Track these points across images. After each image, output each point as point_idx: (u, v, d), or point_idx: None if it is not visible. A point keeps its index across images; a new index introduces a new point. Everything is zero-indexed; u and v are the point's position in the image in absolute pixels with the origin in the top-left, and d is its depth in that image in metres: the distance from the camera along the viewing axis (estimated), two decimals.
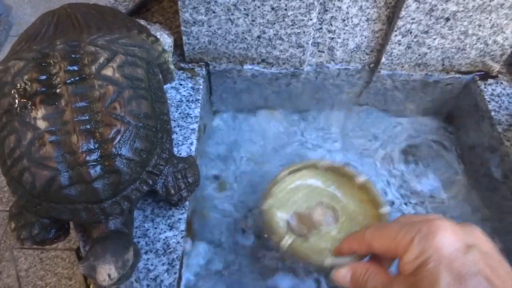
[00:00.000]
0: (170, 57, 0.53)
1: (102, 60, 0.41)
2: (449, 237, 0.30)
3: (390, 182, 0.58)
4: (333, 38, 0.58)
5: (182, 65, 0.60)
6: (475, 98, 0.60)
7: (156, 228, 0.45)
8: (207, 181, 0.57)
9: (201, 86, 0.57)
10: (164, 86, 0.54)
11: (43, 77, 0.39)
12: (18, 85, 0.39)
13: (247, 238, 0.52)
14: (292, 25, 0.54)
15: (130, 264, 0.35)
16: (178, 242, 0.44)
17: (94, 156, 0.37)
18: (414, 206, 0.56)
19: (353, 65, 0.62)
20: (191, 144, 0.51)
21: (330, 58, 0.61)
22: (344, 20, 0.55)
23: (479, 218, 0.56)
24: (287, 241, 0.41)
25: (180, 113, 0.54)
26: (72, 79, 0.39)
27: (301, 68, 0.60)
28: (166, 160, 0.42)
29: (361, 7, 0.54)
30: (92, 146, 0.37)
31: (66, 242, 1.02)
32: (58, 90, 0.38)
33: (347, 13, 0.54)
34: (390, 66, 0.60)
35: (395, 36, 0.55)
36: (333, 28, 0.56)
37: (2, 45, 1.52)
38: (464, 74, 0.61)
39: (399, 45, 0.57)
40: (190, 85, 0.58)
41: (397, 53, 0.58)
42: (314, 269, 0.48)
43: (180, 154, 0.50)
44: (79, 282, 0.98)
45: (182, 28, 0.55)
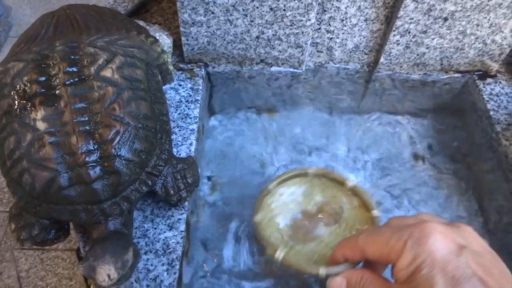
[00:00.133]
0: (169, 58, 0.53)
1: (101, 61, 0.41)
2: (441, 239, 0.30)
3: (388, 182, 0.58)
4: (331, 38, 0.58)
5: (181, 65, 0.60)
6: (474, 98, 0.60)
7: (155, 228, 0.45)
8: (204, 180, 0.57)
9: (200, 87, 0.58)
10: (163, 87, 0.54)
11: (43, 78, 0.39)
12: (18, 86, 0.39)
13: (243, 242, 0.52)
14: (290, 25, 0.54)
15: (129, 264, 0.36)
16: (178, 242, 0.44)
17: (94, 157, 0.37)
18: (412, 206, 0.56)
19: (352, 65, 0.62)
20: (191, 144, 0.52)
21: (329, 58, 0.61)
22: (342, 20, 0.55)
23: (478, 219, 0.56)
24: (281, 253, 0.41)
25: (179, 113, 0.54)
26: (71, 80, 0.39)
27: (300, 68, 0.60)
28: (166, 160, 0.43)
29: (359, 7, 0.54)
30: (91, 147, 0.37)
31: (66, 243, 1.02)
32: (58, 91, 0.38)
33: (346, 13, 0.55)
34: (389, 66, 0.60)
35: (394, 36, 0.55)
36: (331, 28, 0.57)
37: (2, 46, 1.52)
38: (462, 73, 0.61)
39: (398, 45, 0.57)
40: (189, 85, 0.58)
41: (395, 53, 0.58)
42: (309, 279, 0.48)
43: (179, 154, 0.50)
44: (80, 282, 0.98)
45: (181, 28, 0.55)
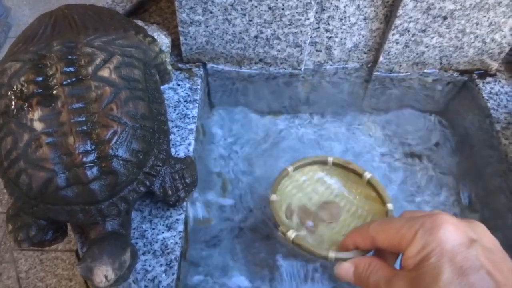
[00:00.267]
0: (167, 57, 0.53)
1: (98, 61, 0.41)
2: (452, 231, 0.30)
3: (391, 180, 0.58)
4: (330, 37, 0.58)
5: (180, 65, 0.60)
6: (474, 97, 0.60)
7: (154, 229, 0.45)
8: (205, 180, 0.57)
9: (199, 87, 0.57)
10: (161, 87, 0.54)
11: (40, 78, 0.39)
12: (15, 86, 0.39)
13: (245, 237, 0.52)
14: (289, 24, 0.54)
15: (127, 265, 0.35)
16: (176, 243, 0.44)
17: (91, 157, 0.37)
18: (415, 204, 0.56)
19: (351, 64, 0.61)
20: (189, 144, 0.51)
21: (328, 57, 0.61)
22: (341, 19, 0.55)
23: (479, 217, 0.55)
24: (293, 233, 0.42)
25: (178, 113, 0.54)
26: (68, 80, 0.39)
27: (299, 67, 0.60)
28: (164, 160, 0.42)
29: (358, 6, 0.54)
30: (88, 148, 0.37)
31: (66, 243, 1.02)
32: (55, 92, 0.38)
33: (345, 12, 0.54)
34: (388, 65, 0.60)
35: (393, 35, 0.55)
36: (330, 27, 0.56)
37: (1, 46, 1.52)
38: (462, 72, 0.61)
39: (397, 44, 0.57)
40: (188, 85, 0.58)
41: (395, 52, 0.58)
42: (318, 261, 0.48)
43: (178, 154, 0.50)
44: (79, 283, 0.98)
45: (179, 28, 0.55)
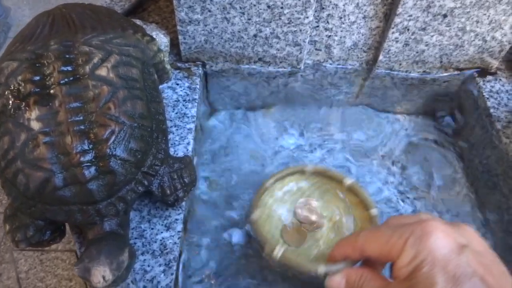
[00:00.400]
0: (166, 56, 0.53)
1: (96, 60, 0.40)
2: (442, 238, 0.30)
3: (389, 181, 0.58)
4: (330, 36, 0.57)
5: (179, 64, 0.60)
6: (474, 95, 0.60)
7: (152, 229, 0.45)
8: (202, 180, 0.57)
9: (197, 86, 0.57)
10: (160, 86, 0.53)
11: (37, 77, 0.39)
12: (12, 86, 0.38)
13: (241, 238, 0.51)
14: (288, 23, 0.53)
15: (125, 265, 0.35)
16: (175, 243, 0.44)
17: (89, 157, 0.37)
18: (412, 203, 0.55)
19: (350, 63, 0.61)
20: (188, 144, 0.51)
21: (327, 56, 0.60)
22: (341, 17, 0.55)
23: (478, 216, 0.55)
24: (279, 250, 0.41)
25: (176, 112, 0.54)
26: (66, 80, 0.39)
27: (298, 66, 0.60)
28: (162, 160, 0.42)
29: (357, 5, 0.53)
30: (86, 147, 0.37)
31: (66, 244, 1.02)
32: (52, 91, 0.38)
33: (344, 10, 0.54)
34: (388, 63, 0.59)
35: (393, 33, 0.55)
36: (330, 26, 0.56)
37: (1, 47, 1.52)
38: (462, 71, 0.61)
39: (397, 42, 0.56)
40: (186, 84, 0.57)
41: (394, 50, 0.57)
42: (308, 277, 0.47)
43: (177, 154, 0.50)
44: (79, 283, 0.98)
45: (178, 27, 0.54)
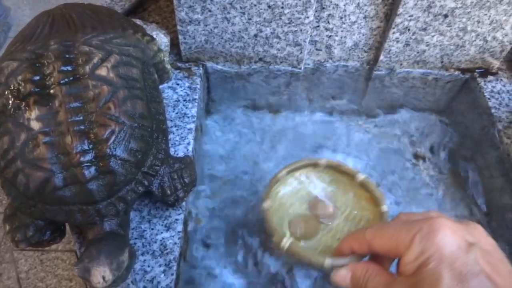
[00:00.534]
0: (166, 56, 0.53)
1: (96, 60, 0.40)
2: (450, 235, 0.29)
3: (388, 181, 0.57)
4: (330, 36, 0.57)
5: (179, 64, 0.60)
6: (475, 95, 0.60)
7: (153, 229, 0.45)
8: (204, 180, 0.57)
9: (198, 86, 0.57)
10: (160, 86, 0.53)
11: (37, 77, 0.38)
12: (12, 86, 0.38)
13: (245, 238, 0.51)
14: (289, 23, 0.53)
15: (125, 265, 0.35)
16: (175, 243, 0.44)
17: (89, 157, 0.37)
18: (414, 204, 0.55)
19: (351, 63, 0.61)
20: (188, 144, 0.51)
21: (328, 56, 0.60)
22: (341, 17, 0.55)
23: (480, 216, 0.55)
24: (287, 241, 0.41)
25: (177, 113, 0.54)
26: (66, 80, 0.38)
27: (298, 66, 0.60)
28: (162, 160, 0.42)
29: (358, 4, 0.53)
30: (86, 147, 0.37)
31: (66, 244, 1.02)
32: (52, 91, 0.38)
33: (345, 10, 0.54)
34: (389, 63, 0.59)
35: (393, 33, 0.55)
36: (330, 26, 0.56)
37: (1, 46, 1.52)
38: (463, 71, 0.61)
39: (397, 42, 0.56)
40: (187, 84, 0.57)
41: (395, 50, 0.57)
42: (314, 269, 0.47)
43: (177, 154, 0.50)
44: (80, 283, 0.98)
45: (178, 27, 0.54)
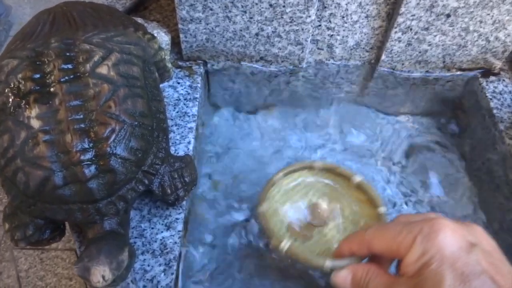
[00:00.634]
0: (167, 55, 0.52)
1: (97, 58, 0.40)
2: (451, 236, 0.29)
3: (390, 181, 0.57)
4: (332, 35, 0.57)
5: (180, 63, 0.59)
6: (477, 96, 0.60)
7: (153, 228, 0.45)
8: (204, 179, 0.57)
9: (199, 85, 0.57)
10: (161, 85, 0.53)
11: (37, 75, 0.38)
12: (12, 84, 0.38)
13: (245, 238, 0.51)
14: (290, 22, 0.53)
15: (125, 265, 0.35)
16: (175, 242, 0.44)
17: (89, 155, 0.37)
18: (415, 205, 0.55)
19: (352, 62, 0.61)
20: (189, 143, 0.51)
21: (330, 55, 0.60)
22: (343, 17, 0.55)
23: (481, 218, 0.55)
24: (286, 244, 0.41)
25: (177, 111, 0.54)
26: (66, 78, 0.38)
27: (300, 65, 0.60)
28: (162, 159, 0.42)
29: (360, 4, 0.53)
30: (86, 145, 0.37)
31: (66, 242, 1.02)
32: (52, 89, 0.38)
33: (346, 9, 0.54)
34: (390, 63, 0.59)
35: (395, 33, 0.55)
36: (332, 25, 0.56)
37: (2, 45, 1.52)
38: (465, 71, 0.60)
39: (399, 42, 0.56)
40: (188, 83, 0.57)
41: (397, 50, 0.57)
42: (313, 271, 0.47)
43: (177, 153, 0.50)
44: (79, 282, 0.98)
45: (179, 25, 0.54)
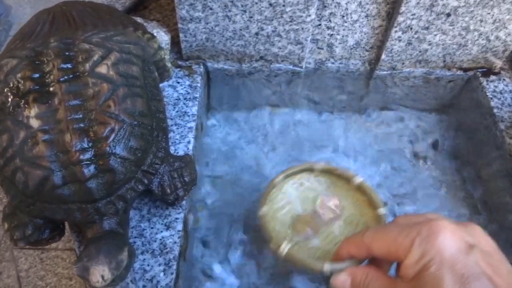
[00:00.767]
0: (166, 54, 0.52)
1: (96, 57, 0.40)
2: (450, 238, 0.29)
3: (389, 181, 0.57)
4: (332, 34, 0.57)
5: (180, 62, 0.59)
6: (477, 95, 0.59)
7: (152, 228, 0.45)
8: (204, 179, 0.56)
9: (198, 84, 0.57)
10: (161, 84, 0.53)
11: (36, 75, 0.38)
12: (11, 83, 0.38)
13: (244, 238, 0.51)
14: (290, 21, 0.53)
15: (124, 265, 0.35)
16: (175, 242, 0.44)
17: (88, 155, 0.36)
18: (415, 204, 0.55)
19: (353, 62, 0.61)
20: (189, 142, 0.51)
21: (330, 55, 0.60)
22: (343, 16, 0.54)
23: (481, 217, 0.55)
24: (285, 247, 0.41)
25: (177, 111, 0.54)
26: (65, 77, 0.38)
27: (300, 65, 0.59)
28: (162, 159, 0.42)
29: (360, 3, 0.53)
30: (85, 145, 0.37)
31: (66, 242, 1.02)
32: (51, 88, 0.38)
33: (346, 9, 0.54)
34: (391, 63, 0.59)
35: (395, 32, 0.55)
36: (332, 24, 0.56)
37: (2, 45, 1.52)
38: (466, 70, 0.60)
39: (400, 41, 0.56)
40: (187, 83, 0.57)
41: (397, 49, 0.57)
42: (313, 274, 0.47)
43: (177, 152, 0.50)
44: (79, 282, 0.98)
45: (179, 25, 0.54)
